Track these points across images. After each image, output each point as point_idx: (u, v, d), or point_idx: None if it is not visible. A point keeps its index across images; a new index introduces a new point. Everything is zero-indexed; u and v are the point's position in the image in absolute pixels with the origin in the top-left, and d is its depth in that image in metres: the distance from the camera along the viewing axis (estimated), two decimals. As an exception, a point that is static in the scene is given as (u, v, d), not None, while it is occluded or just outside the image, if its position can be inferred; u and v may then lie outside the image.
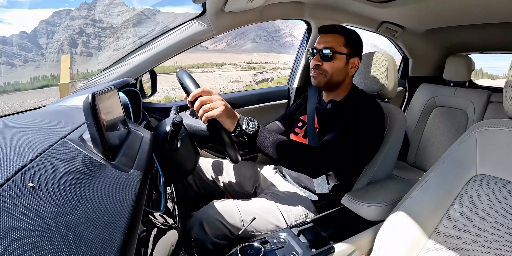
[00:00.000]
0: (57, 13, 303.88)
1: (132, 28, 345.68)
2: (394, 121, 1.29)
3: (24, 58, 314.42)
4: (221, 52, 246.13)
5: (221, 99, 0.99)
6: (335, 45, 1.22)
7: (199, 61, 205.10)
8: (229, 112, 0.98)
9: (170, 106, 1.43)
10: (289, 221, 1.22)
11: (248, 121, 1.02)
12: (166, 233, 0.71)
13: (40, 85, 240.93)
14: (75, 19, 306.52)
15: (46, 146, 0.49)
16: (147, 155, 0.73)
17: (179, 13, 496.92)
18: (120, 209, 0.45)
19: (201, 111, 0.97)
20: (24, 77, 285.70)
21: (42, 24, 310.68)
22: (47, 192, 0.38)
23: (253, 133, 1.01)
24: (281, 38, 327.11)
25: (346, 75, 1.27)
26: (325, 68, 1.23)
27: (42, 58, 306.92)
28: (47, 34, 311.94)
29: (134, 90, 1.27)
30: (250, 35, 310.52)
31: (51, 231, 0.33)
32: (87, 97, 0.55)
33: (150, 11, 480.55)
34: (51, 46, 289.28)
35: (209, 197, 1.45)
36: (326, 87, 1.29)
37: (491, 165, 0.86)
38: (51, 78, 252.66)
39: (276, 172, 1.52)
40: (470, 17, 1.82)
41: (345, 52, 1.23)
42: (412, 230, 0.92)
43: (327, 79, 1.24)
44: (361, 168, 1.31)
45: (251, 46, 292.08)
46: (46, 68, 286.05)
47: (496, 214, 0.81)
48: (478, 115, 2.17)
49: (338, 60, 1.23)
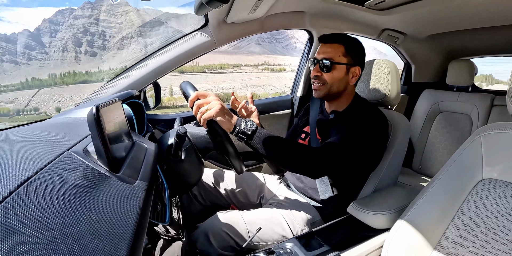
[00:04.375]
0: (60, 12, 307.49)
1: (136, 27, 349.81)
2: (398, 128, 1.29)
3: (31, 56, 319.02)
4: (228, 53, 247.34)
5: (217, 99, 0.99)
6: (334, 55, 1.22)
7: (211, 62, 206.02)
8: (225, 112, 0.99)
9: (174, 118, 1.43)
10: (295, 231, 1.21)
11: (246, 121, 1.02)
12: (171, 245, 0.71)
13: (81, 80, 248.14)
14: (79, 18, 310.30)
15: (51, 158, 0.50)
16: (152, 166, 0.73)
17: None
18: (125, 221, 0.45)
19: (199, 114, 0.98)
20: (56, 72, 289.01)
21: (45, 22, 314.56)
22: (52, 204, 0.38)
23: (252, 132, 1.01)
24: (284, 40, 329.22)
25: (347, 84, 1.27)
26: (325, 78, 1.23)
27: (47, 57, 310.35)
28: (50, 32, 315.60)
29: (138, 102, 1.27)
30: (253, 36, 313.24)
31: (56, 243, 0.33)
32: (91, 110, 0.55)
33: (153, 11, 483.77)
34: (54, 45, 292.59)
35: (214, 208, 1.44)
36: (327, 98, 1.29)
37: (497, 169, 0.85)
38: (87, 74, 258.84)
39: (281, 182, 1.51)
40: (471, 21, 1.83)
41: (344, 62, 1.23)
42: (420, 237, 0.91)
43: (327, 89, 1.25)
44: (366, 175, 1.30)
45: (256, 48, 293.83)
46: (51, 67, 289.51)
47: (504, 218, 0.80)
48: (482, 119, 2.17)
49: (337, 70, 1.23)
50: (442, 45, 2.42)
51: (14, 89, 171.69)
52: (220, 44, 1.54)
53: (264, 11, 1.48)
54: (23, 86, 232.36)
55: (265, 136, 1.02)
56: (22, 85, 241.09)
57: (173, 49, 1.47)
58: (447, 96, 2.37)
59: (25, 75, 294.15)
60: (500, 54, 2.50)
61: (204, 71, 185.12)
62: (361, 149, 1.10)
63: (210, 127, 1.00)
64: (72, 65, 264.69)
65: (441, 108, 2.39)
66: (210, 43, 1.50)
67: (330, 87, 1.24)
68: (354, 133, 1.12)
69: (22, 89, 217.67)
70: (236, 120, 1.01)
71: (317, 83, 1.25)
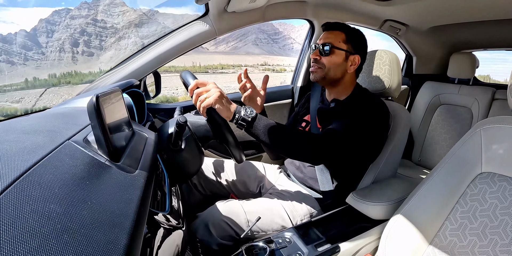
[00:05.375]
0: (57, 12, 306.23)
1: (133, 28, 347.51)
2: (398, 120, 1.28)
3: (28, 56, 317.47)
4: (225, 54, 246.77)
5: (216, 87, 0.99)
6: (335, 41, 1.24)
7: (210, 63, 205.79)
8: (225, 100, 0.98)
9: (174, 107, 1.43)
10: (294, 221, 1.22)
11: (245, 108, 1.01)
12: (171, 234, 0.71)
13: (88, 80, 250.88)
14: (75, 19, 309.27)
15: (51, 148, 0.50)
16: (152, 156, 0.73)
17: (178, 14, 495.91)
18: (125, 210, 0.45)
19: (198, 102, 0.98)
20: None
21: (42, 23, 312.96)
22: (52, 194, 0.38)
23: (252, 119, 1.00)
24: (281, 40, 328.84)
25: (345, 72, 1.27)
26: (323, 62, 1.25)
27: (43, 57, 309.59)
28: (47, 33, 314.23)
29: (138, 91, 1.27)
30: (250, 37, 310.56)
31: (57, 233, 0.33)
32: (91, 99, 0.55)
33: (150, 12, 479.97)
34: (51, 45, 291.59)
35: (214, 197, 1.45)
36: (324, 82, 1.29)
37: (496, 162, 0.85)
38: (90, 75, 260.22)
39: (281, 172, 1.52)
40: (474, 14, 1.81)
41: (344, 48, 1.24)
42: (418, 229, 0.92)
43: (324, 73, 1.25)
44: (366, 166, 1.31)
45: (253, 48, 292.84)
46: (48, 67, 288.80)
47: (501, 212, 0.80)
48: (483, 113, 2.16)
49: (336, 55, 1.24)
50: (444, 37, 2.40)
51: (18, 89, 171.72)
52: (221, 33, 1.53)
53: (265, 0, 1.46)
54: (27, 86, 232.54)
55: (265, 123, 1.02)
56: (26, 84, 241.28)
57: (173, 38, 1.46)
58: (448, 88, 2.37)
59: (22, 75, 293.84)
60: (503, 48, 2.48)
61: (207, 71, 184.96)
62: (361, 139, 1.11)
63: (210, 115, 1.00)
64: (70, 66, 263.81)
65: (442, 101, 2.39)
66: (210, 32, 1.49)
67: (327, 71, 1.25)
68: (356, 123, 1.12)
69: (27, 88, 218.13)
70: (236, 107, 1.01)
71: (315, 66, 1.27)
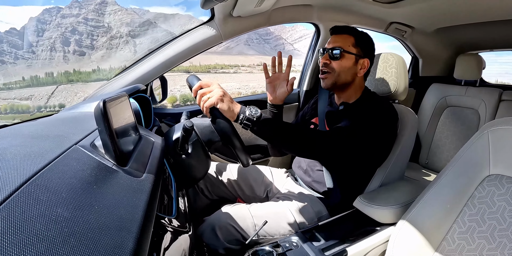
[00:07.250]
0: (47, 11, 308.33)
1: (125, 27, 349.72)
2: (405, 122, 1.28)
3: (18, 55, 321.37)
4: (218, 54, 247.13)
5: (219, 87, 0.99)
6: (344, 44, 1.23)
7: (208, 62, 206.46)
8: (228, 99, 0.98)
9: (181, 112, 1.43)
10: (301, 225, 1.21)
11: (250, 108, 1.01)
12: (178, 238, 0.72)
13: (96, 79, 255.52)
14: (66, 17, 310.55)
15: (58, 152, 0.50)
16: (159, 160, 0.73)
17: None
18: (132, 214, 0.45)
19: (202, 102, 0.98)
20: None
21: (32, 21, 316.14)
22: (59, 198, 0.39)
23: (257, 118, 1.00)
24: (272, 40, 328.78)
25: (355, 75, 1.27)
26: (333, 67, 1.24)
27: (34, 56, 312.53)
28: (37, 32, 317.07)
29: (145, 96, 1.28)
30: (242, 37, 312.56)
31: (64, 236, 0.34)
32: (98, 104, 0.55)
33: (140, 10, 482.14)
34: (42, 44, 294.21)
35: (220, 201, 1.45)
36: (335, 88, 1.29)
37: (504, 164, 0.84)
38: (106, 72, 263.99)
39: (288, 176, 1.51)
40: (479, 15, 1.80)
41: (354, 52, 1.23)
42: (425, 232, 0.91)
43: (334, 78, 1.25)
44: (373, 170, 1.30)
45: (245, 48, 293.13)
46: (39, 66, 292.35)
47: (510, 214, 0.79)
48: (490, 114, 2.15)
49: (346, 59, 1.23)
50: (450, 38, 2.39)
51: (23, 86, 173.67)
52: (227, 38, 1.54)
53: (271, 4, 1.46)
54: (33, 83, 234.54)
55: (271, 122, 1.02)
56: (32, 81, 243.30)
57: (179, 43, 1.47)
58: (455, 90, 2.35)
59: (13, 74, 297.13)
60: (509, 49, 2.46)
61: (209, 71, 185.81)
62: (369, 141, 1.10)
63: (213, 115, 1.00)
64: (61, 65, 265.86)
65: (449, 103, 2.37)
66: (216, 36, 1.50)
67: (337, 76, 1.24)
68: (364, 125, 1.11)
69: (32, 86, 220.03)
70: (240, 108, 1.00)
71: (325, 70, 1.26)
